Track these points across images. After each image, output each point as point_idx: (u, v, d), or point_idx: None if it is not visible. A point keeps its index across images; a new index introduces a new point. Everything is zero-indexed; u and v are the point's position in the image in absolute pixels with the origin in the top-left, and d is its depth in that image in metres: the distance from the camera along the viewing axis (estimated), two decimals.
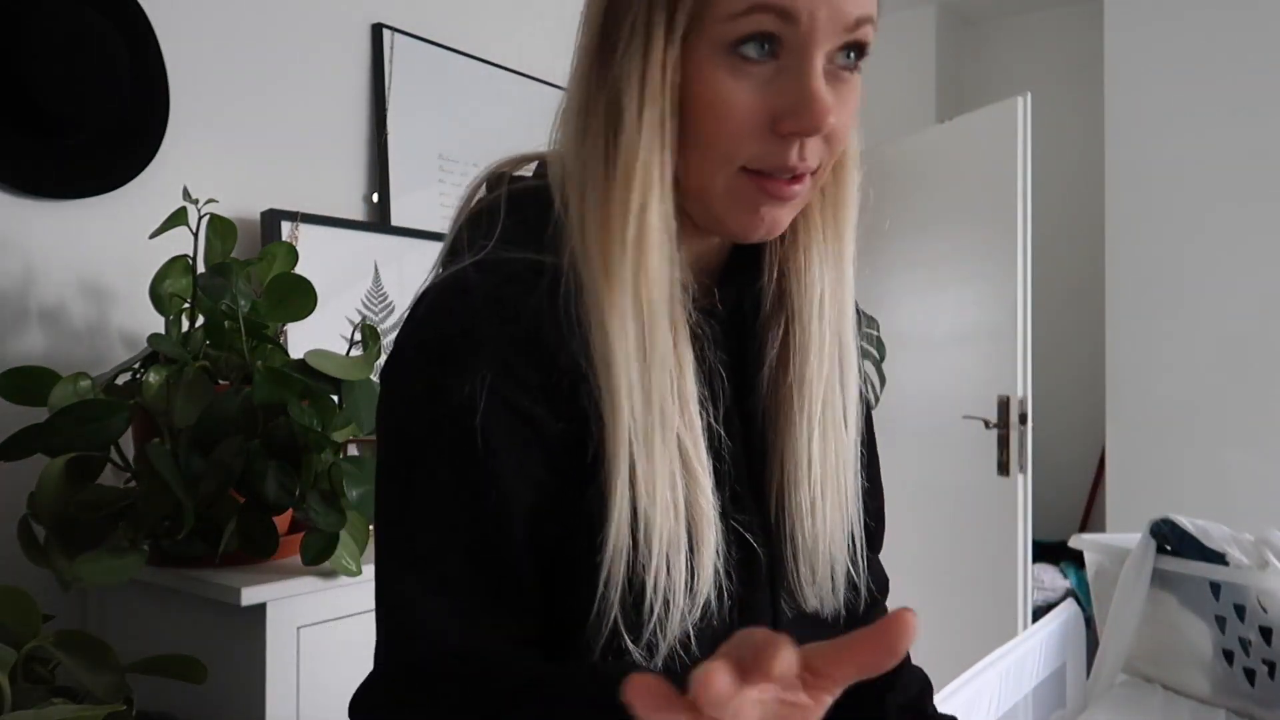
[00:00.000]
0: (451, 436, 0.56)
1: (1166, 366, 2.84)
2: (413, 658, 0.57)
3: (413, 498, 0.58)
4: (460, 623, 0.56)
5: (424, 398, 0.57)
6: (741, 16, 0.52)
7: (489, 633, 0.57)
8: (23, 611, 0.91)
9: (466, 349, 0.56)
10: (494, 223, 0.61)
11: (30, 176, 1.32)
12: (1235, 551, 1.26)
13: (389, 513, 0.59)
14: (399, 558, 0.58)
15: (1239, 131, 2.71)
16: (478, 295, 0.57)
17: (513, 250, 0.59)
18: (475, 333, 0.56)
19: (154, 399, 1.09)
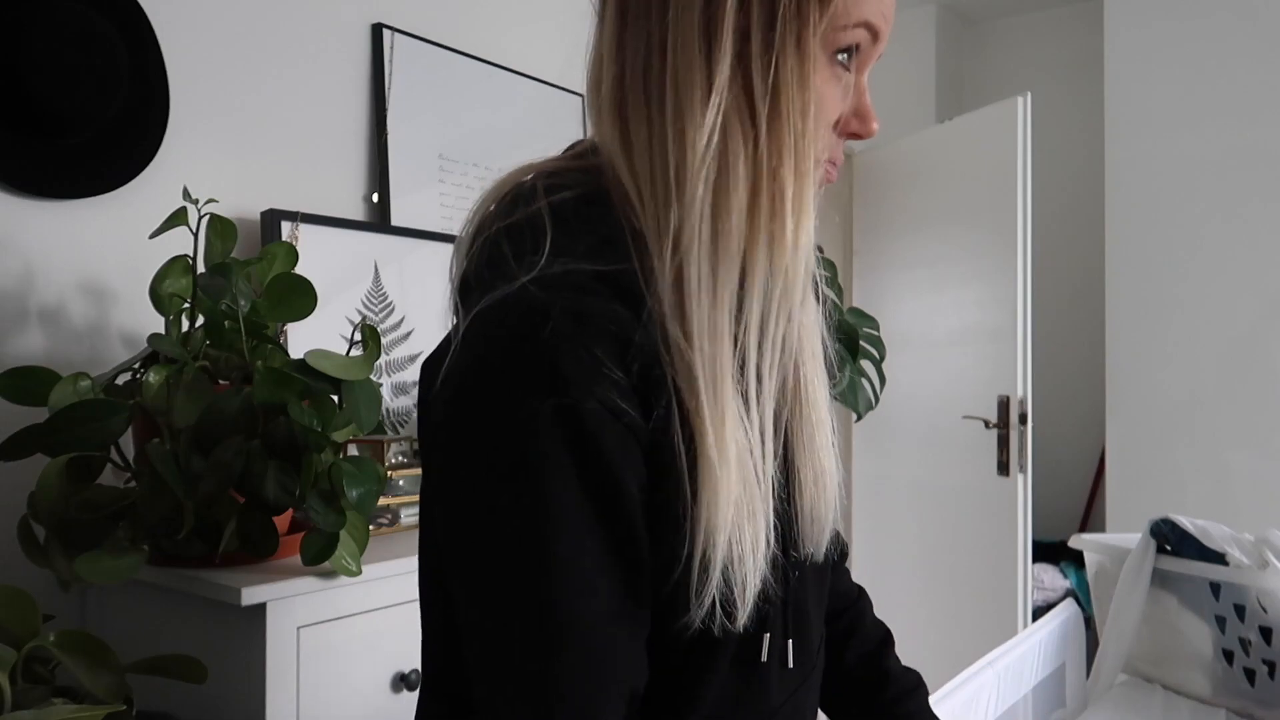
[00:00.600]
0: (583, 466, 0.54)
1: (1166, 366, 2.85)
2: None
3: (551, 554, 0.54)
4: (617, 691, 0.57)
5: (533, 428, 0.53)
6: (848, 29, 0.60)
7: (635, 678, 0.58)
8: (23, 611, 0.91)
9: (560, 365, 0.54)
10: (540, 237, 0.60)
11: (30, 176, 1.32)
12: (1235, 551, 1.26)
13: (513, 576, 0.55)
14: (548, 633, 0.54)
15: (1239, 131, 2.71)
16: (555, 310, 0.55)
17: (566, 263, 0.59)
18: (565, 348, 0.54)
19: (154, 399, 1.09)
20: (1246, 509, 2.60)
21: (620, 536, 0.56)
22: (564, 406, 0.53)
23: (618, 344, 0.56)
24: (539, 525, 0.54)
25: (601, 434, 0.54)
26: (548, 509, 0.54)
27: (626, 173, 0.62)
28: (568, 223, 0.62)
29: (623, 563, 0.57)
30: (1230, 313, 2.73)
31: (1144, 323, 2.90)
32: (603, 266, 0.59)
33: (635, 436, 0.56)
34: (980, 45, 3.88)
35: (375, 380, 1.30)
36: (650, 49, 0.60)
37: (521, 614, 0.55)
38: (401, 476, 1.47)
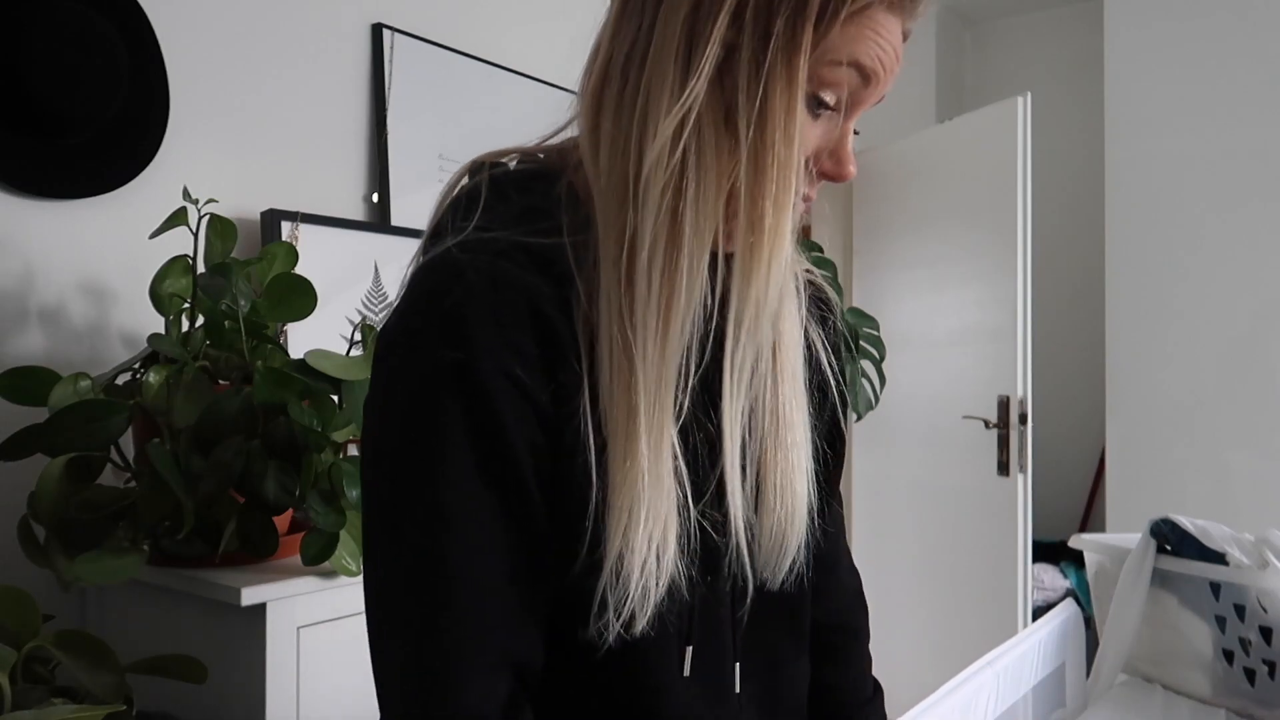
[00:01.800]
0: (473, 420, 0.56)
1: (1166, 366, 2.85)
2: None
3: (440, 504, 0.56)
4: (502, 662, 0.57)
5: (435, 382, 0.56)
6: (839, 66, 0.58)
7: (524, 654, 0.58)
8: (23, 611, 0.91)
9: (466, 324, 0.56)
10: (474, 206, 0.62)
11: (30, 176, 1.32)
12: (1235, 551, 1.26)
13: (402, 520, 0.57)
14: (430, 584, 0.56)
15: (1239, 131, 2.71)
16: (469, 272, 0.57)
17: (495, 230, 0.60)
18: (472, 307, 0.56)
19: (154, 399, 1.09)
20: (1246, 509, 2.60)
21: (511, 501, 0.57)
22: (462, 363, 0.55)
23: (528, 313, 0.57)
24: (430, 474, 0.56)
25: (496, 395, 0.56)
26: (441, 460, 0.56)
27: (590, 159, 0.63)
28: (503, 192, 0.64)
29: (514, 526, 0.58)
30: (1230, 312, 2.73)
31: (1144, 323, 2.90)
32: (528, 238, 0.60)
33: (532, 406, 0.57)
34: (980, 45, 3.88)
35: None
36: (635, 43, 0.61)
37: (406, 561, 0.57)
38: None
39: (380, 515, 0.59)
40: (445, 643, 0.56)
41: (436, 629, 0.56)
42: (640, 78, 0.60)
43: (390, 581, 0.58)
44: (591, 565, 0.58)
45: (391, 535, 0.58)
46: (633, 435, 0.57)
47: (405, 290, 0.60)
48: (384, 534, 0.58)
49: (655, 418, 0.58)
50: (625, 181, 0.59)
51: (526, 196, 0.64)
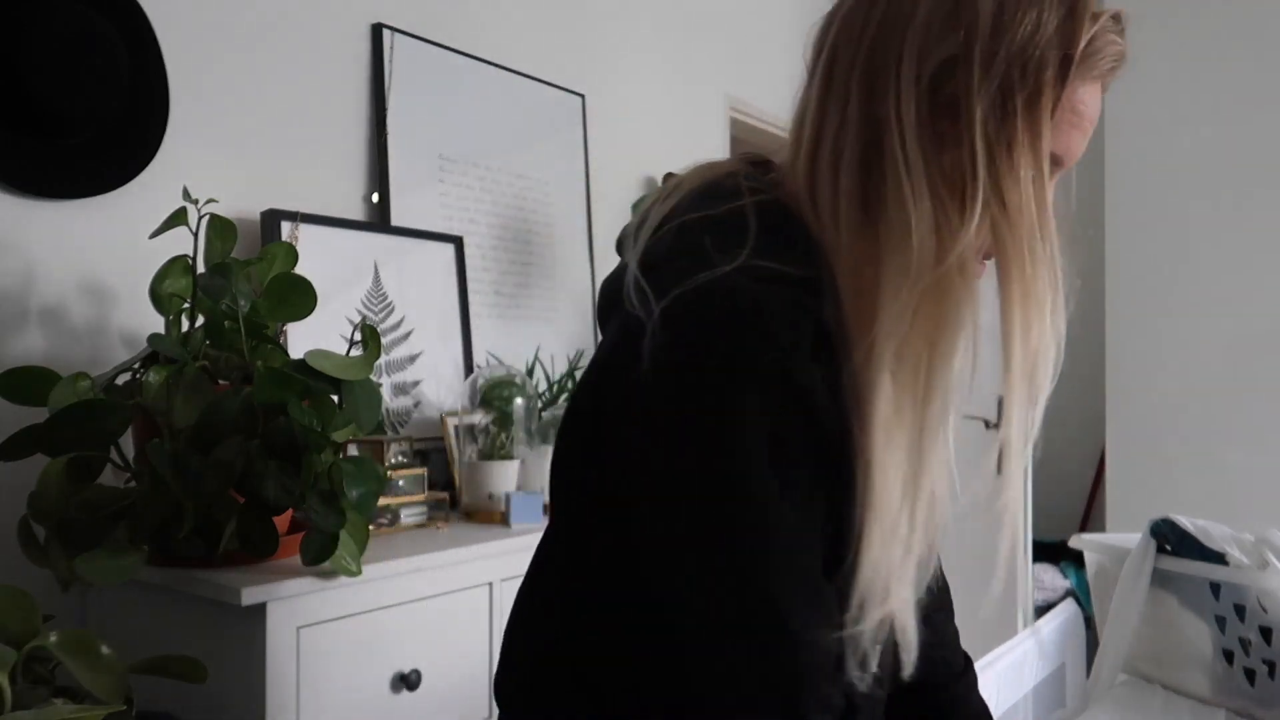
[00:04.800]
0: (775, 441, 0.58)
1: (1166, 366, 2.84)
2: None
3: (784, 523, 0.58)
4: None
5: (737, 406, 0.57)
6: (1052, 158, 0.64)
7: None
8: (23, 611, 0.91)
9: (766, 352, 0.58)
10: (744, 232, 0.63)
11: (30, 176, 1.32)
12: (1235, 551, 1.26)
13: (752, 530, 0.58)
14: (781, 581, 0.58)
15: (1239, 131, 2.71)
16: (766, 300, 0.59)
17: (768, 261, 0.62)
18: (770, 335, 0.58)
19: (154, 399, 1.09)
20: (1246, 509, 2.60)
21: (814, 502, 0.60)
22: (785, 377, 0.57)
23: (818, 343, 0.60)
24: (750, 477, 0.58)
25: (807, 405, 0.58)
26: (759, 465, 0.58)
27: (811, 215, 0.66)
28: (774, 227, 0.65)
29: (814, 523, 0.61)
30: (1230, 312, 2.73)
31: (1144, 323, 2.90)
32: (796, 270, 0.62)
33: (829, 421, 0.60)
34: None
35: (375, 380, 1.30)
36: (848, 127, 0.65)
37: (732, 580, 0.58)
38: (401, 476, 1.47)
39: (705, 543, 0.59)
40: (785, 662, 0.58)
41: (778, 645, 0.58)
42: (875, 168, 0.63)
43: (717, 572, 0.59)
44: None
45: (714, 561, 0.59)
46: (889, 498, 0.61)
47: (690, 310, 0.60)
48: (702, 559, 0.59)
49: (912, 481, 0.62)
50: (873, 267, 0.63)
51: (789, 234, 0.65)
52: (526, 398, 1.68)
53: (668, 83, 2.58)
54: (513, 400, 1.65)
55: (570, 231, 2.23)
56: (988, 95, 0.61)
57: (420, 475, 1.50)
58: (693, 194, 0.69)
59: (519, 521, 1.48)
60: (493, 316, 2.00)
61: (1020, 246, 0.63)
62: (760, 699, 0.57)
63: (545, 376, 2.01)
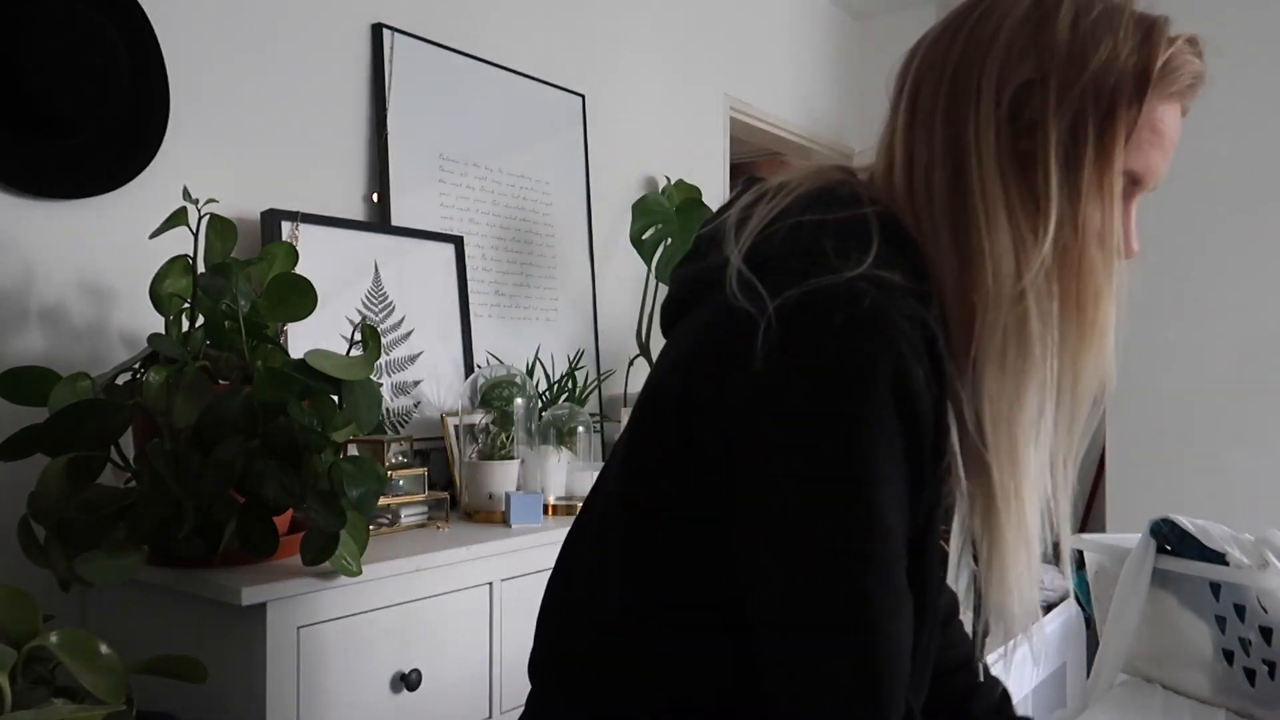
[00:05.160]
0: (890, 448, 0.59)
1: (1166, 366, 2.84)
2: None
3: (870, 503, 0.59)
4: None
5: (858, 407, 0.59)
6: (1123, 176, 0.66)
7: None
8: (23, 611, 0.91)
9: (889, 358, 0.59)
10: (866, 241, 0.65)
11: (30, 176, 1.32)
12: (1235, 551, 1.26)
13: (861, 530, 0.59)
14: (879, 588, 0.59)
15: (1239, 132, 2.71)
16: (889, 309, 0.60)
17: (887, 271, 0.63)
18: (893, 343, 0.59)
19: (154, 399, 1.08)
20: (1246, 509, 2.60)
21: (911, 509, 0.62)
22: (900, 384, 0.58)
23: (933, 354, 0.62)
24: (868, 479, 0.59)
25: (922, 415, 0.60)
26: (876, 468, 0.59)
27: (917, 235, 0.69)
28: (894, 239, 0.67)
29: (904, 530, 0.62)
30: (1230, 313, 2.73)
31: (1143, 323, 2.89)
32: (911, 284, 0.64)
33: (931, 436, 0.61)
34: None
35: (375, 380, 1.30)
36: (935, 153, 0.68)
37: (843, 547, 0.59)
38: (401, 476, 1.47)
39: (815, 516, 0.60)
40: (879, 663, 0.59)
41: (873, 645, 0.59)
42: (963, 193, 0.66)
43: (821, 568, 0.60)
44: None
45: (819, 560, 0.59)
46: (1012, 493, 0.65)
47: (808, 311, 0.61)
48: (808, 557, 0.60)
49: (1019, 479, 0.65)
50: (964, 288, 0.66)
51: (896, 242, 0.67)
52: (526, 398, 1.68)
53: (668, 83, 2.58)
54: (513, 400, 1.65)
55: (570, 231, 2.23)
56: (1064, 119, 0.63)
57: (420, 475, 1.50)
58: (806, 196, 0.69)
59: (519, 521, 1.48)
60: (493, 316, 2.00)
61: (1088, 273, 0.66)
62: (845, 697, 0.58)
63: (545, 376, 2.01)
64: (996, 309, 0.65)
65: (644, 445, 0.69)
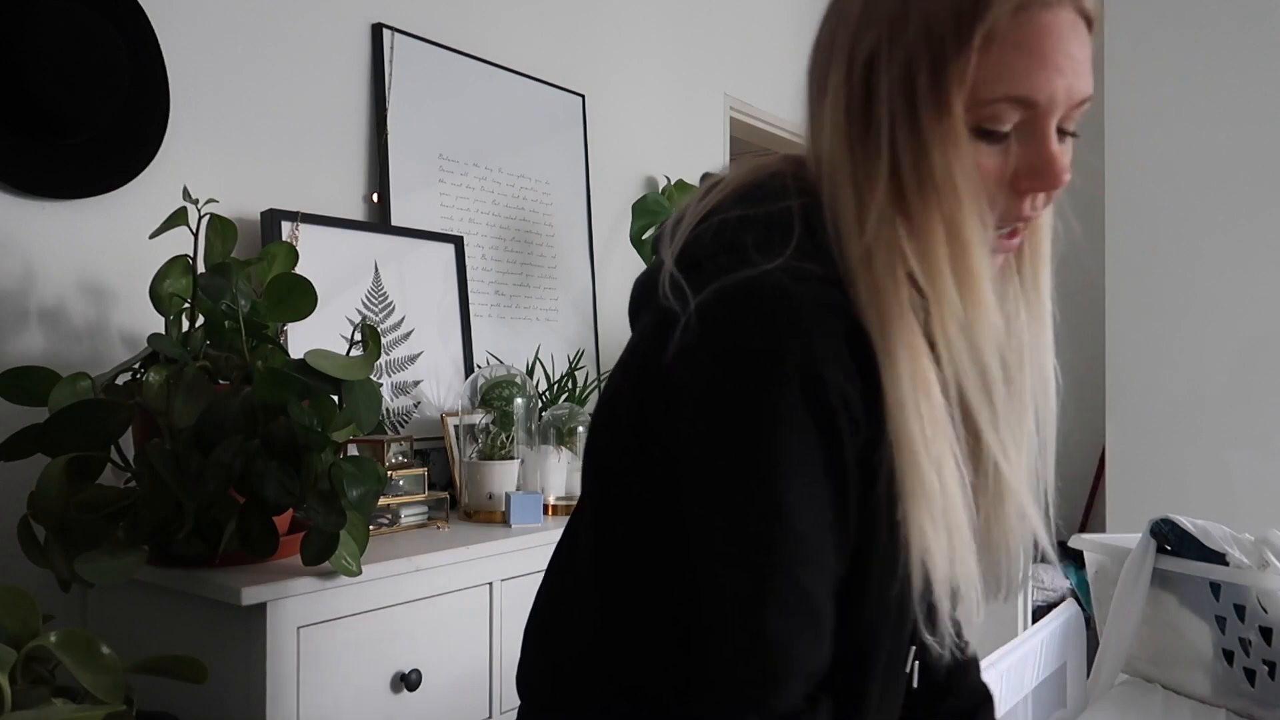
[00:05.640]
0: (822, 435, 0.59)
1: (1166, 366, 2.84)
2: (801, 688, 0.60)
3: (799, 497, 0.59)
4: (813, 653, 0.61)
5: (780, 388, 0.59)
6: (993, 105, 0.60)
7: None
8: (23, 611, 0.91)
9: (807, 337, 0.59)
10: (788, 233, 0.64)
11: (30, 176, 1.32)
12: (1235, 551, 1.26)
13: (761, 506, 0.59)
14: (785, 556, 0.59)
15: (1239, 131, 2.71)
16: (803, 300, 0.60)
17: (809, 263, 0.63)
18: (810, 323, 0.59)
19: (154, 399, 1.09)
20: (1246, 509, 2.60)
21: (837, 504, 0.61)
22: (810, 376, 0.58)
23: (850, 343, 0.61)
24: (775, 475, 0.59)
25: (836, 408, 0.59)
26: (784, 463, 0.59)
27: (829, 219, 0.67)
28: (816, 230, 0.66)
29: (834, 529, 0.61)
30: (1230, 312, 2.73)
31: (1144, 323, 2.90)
32: (833, 271, 0.64)
33: (855, 423, 0.61)
34: None
35: (375, 380, 1.29)
36: (815, 135, 0.67)
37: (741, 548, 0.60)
38: (401, 476, 1.47)
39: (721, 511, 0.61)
40: (770, 631, 0.59)
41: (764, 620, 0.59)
42: (824, 172, 0.65)
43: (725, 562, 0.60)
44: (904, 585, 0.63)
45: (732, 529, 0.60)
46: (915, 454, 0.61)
47: (724, 305, 0.61)
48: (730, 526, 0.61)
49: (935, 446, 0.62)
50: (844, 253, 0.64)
51: (820, 233, 0.66)
52: (526, 398, 1.68)
53: (668, 83, 2.58)
54: (513, 400, 1.65)
55: (570, 231, 2.23)
56: (895, 69, 0.60)
57: (420, 475, 1.50)
58: (734, 192, 0.69)
59: (519, 521, 1.48)
60: (493, 316, 2.00)
61: (939, 219, 0.61)
62: (733, 686, 0.60)
63: (545, 376, 2.01)
64: (855, 277, 0.63)
65: (603, 450, 0.70)
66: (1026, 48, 0.59)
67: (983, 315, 0.62)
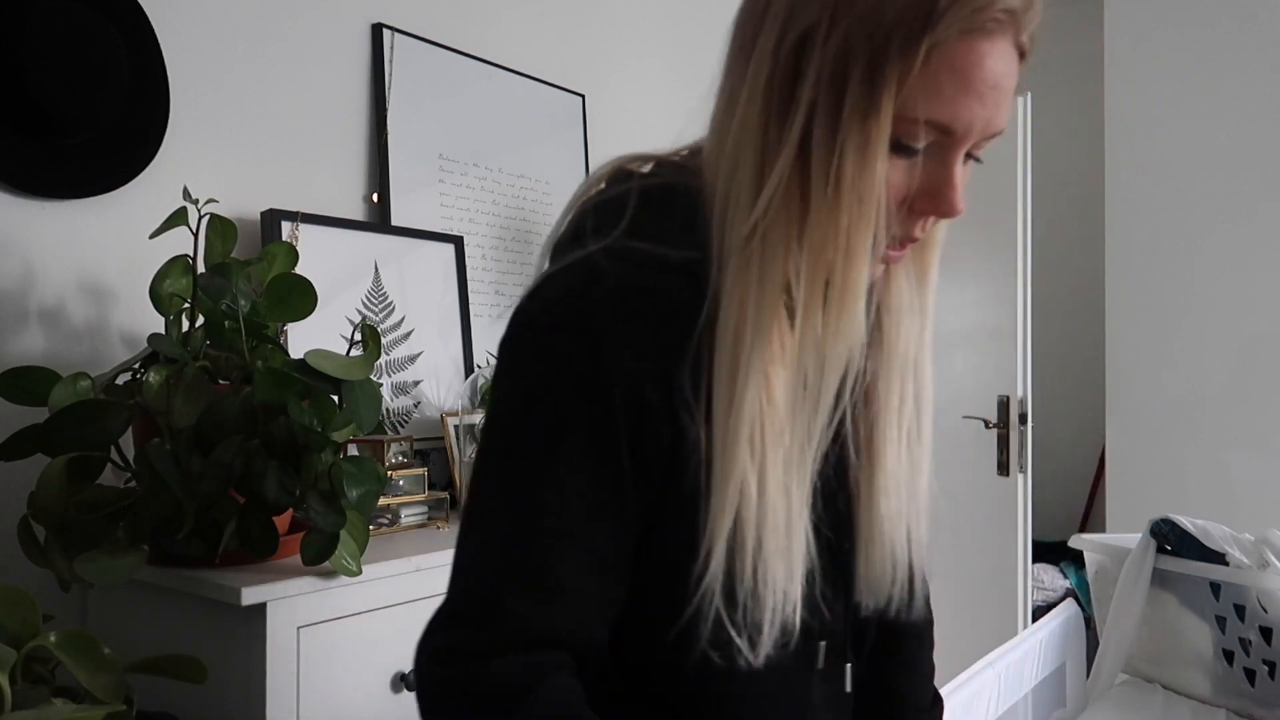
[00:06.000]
0: (592, 417, 0.59)
1: (1166, 366, 2.84)
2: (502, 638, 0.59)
3: (554, 469, 0.59)
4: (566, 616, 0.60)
5: (564, 375, 0.59)
6: (912, 123, 0.57)
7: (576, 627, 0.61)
8: (23, 611, 0.91)
9: (597, 325, 0.59)
10: (621, 213, 0.64)
11: (30, 176, 1.32)
12: (1235, 551, 1.26)
13: (518, 475, 0.60)
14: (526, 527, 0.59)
15: (1239, 131, 2.71)
16: (610, 277, 0.60)
17: (639, 242, 0.63)
18: (606, 310, 0.59)
19: (154, 399, 1.09)
20: (1246, 509, 2.60)
21: (612, 495, 0.60)
22: (587, 361, 0.58)
23: (660, 325, 0.60)
24: (539, 464, 0.59)
25: (615, 397, 0.59)
26: (552, 453, 0.59)
27: (710, 204, 0.65)
28: (651, 205, 0.65)
29: (608, 517, 0.61)
30: (1230, 312, 2.73)
31: (1144, 323, 2.90)
32: (675, 251, 0.62)
33: (651, 414, 0.60)
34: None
35: (375, 380, 1.29)
36: (731, 103, 0.64)
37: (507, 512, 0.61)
38: (401, 476, 1.47)
39: (493, 473, 0.63)
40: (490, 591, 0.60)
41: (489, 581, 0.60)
42: (727, 138, 0.63)
43: (488, 528, 0.62)
44: (710, 583, 0.60)
45: (498, 496, 0.62)
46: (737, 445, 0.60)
47: (543, 283, 0.63)
48: (489, 493, 0.62)
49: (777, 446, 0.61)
50: (725, 237, 0.62)
51: (669, 213, 0.65)
52: None
53: (668, 83, 2.58)
54: None
55: None
56: (829, 60, 0.56)
57: (420, 475, 1.50)
58: (597, 181, 0.70)
59: None
60: (493, 316, 2.00)
61: (835, 230, 0.58)
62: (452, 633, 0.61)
63: None
64: (728, 257, 0.61)
65: None
66: (960, 73, 0.56)
67: (849, 329, 0.60)
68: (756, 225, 0.59)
